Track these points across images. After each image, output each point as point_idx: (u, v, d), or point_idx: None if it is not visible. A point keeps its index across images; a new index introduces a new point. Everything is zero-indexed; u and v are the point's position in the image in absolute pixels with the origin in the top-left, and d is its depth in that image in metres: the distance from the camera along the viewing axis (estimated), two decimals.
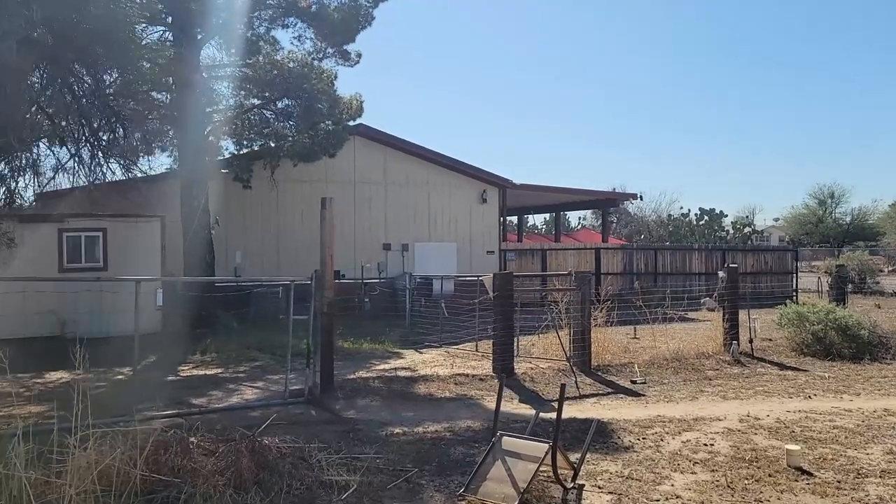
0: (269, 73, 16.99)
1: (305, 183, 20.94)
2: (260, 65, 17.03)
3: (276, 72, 16.93)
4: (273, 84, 16.84)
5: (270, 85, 16.92)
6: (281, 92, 17.13)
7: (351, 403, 9.38)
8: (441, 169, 22.91)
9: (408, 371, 11.74)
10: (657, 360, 12.53)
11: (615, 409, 9.17)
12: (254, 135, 17.89)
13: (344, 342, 14.89)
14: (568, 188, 25.67)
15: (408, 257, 22.33)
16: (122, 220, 15.64)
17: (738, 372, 12.00)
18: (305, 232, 21.02)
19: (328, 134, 18.77)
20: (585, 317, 11.75)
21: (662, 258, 27.04)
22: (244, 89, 17.46)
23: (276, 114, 17.85)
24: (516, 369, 11.49)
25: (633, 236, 54.90)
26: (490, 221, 23.63)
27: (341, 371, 11.77)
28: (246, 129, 17.81)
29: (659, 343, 14.50)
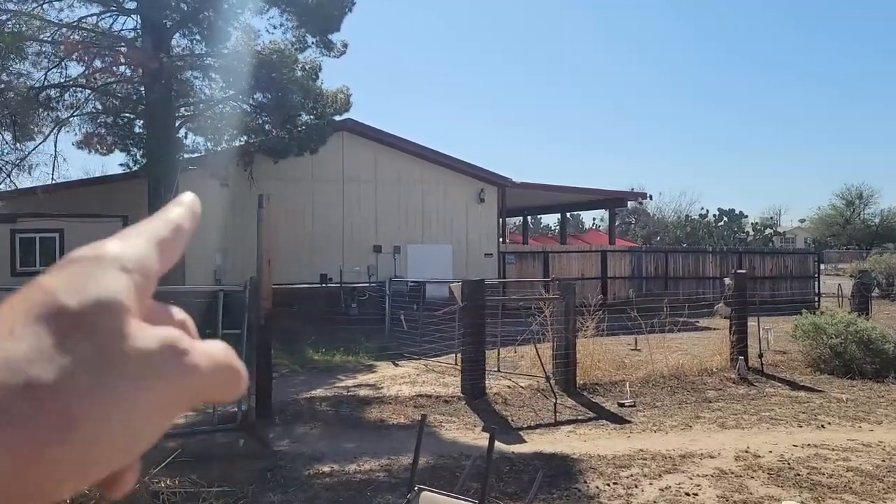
0: (241, 63, 15.87)
1: (289, 181, 19.79)
2: (230, 54, 15.92)
3: (248, 61, 15.81)
4: (243, 74, 15.71)
5: (241, 75, 15.79)
6: (253, 83, 15.99)
7: (288, 431, 8.16)
8: (435, 166, 21.66)
9: (370, 389, 10.52)
10: (653, 378, 11.18)
11: (592, 441, 7.87)
12: (226, 129, 16.75)
13: (315, 353, 13.74)
14: (572, 187, 24.29)
15: (399, 260, 21.11)
16: (80, 221, 14.60)
17: (744, 392, 10.62)
18: (291, 233, 19.88)
19: (310, 129, 17.63)
20: (570, 329, 10.44)
21: (674, 261, 25.57)
22: (215, 80, 16.36)
23: (250, 107, 16.72)
24: (490, 388, 10.21)
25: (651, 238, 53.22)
26: (488, 222, 22.34)
27: (298, 388, 10.61)
28: (218, 124, 16.69)
29: (660, 356, 13.18)
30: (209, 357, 0.39)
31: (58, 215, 14.30)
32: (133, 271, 0.38)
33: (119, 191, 17.17)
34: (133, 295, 0.37)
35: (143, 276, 0.39)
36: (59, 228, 14.24)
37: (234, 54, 15.86)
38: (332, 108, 18.17)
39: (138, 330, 0.37)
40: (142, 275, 0.39)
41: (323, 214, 20.30)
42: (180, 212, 0.45)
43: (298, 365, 12.70)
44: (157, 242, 0.41)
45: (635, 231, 56.99)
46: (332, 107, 18.15)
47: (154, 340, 0.37)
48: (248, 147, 17.12)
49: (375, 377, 11.73)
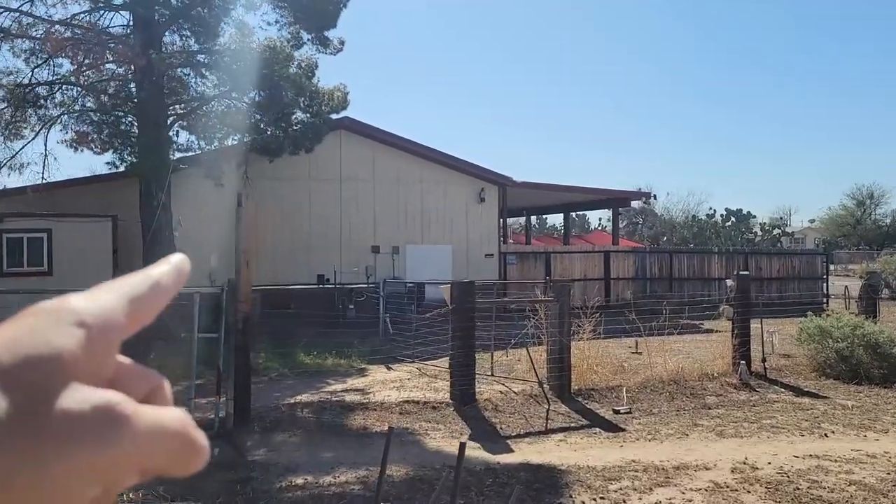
0: (234, 61, 15.57)
1: (285, 181, 19.50)
2: (223, 51, 15.61)
3: (241, 58, 15.50)
4: (235, 72, 15.40)
5: (233, 73, 15.49)
6: (245, 80, 15.68)
7: (266, 439, 7.84)
8: (435, 165, 21.31)
9: (358, 394, 10.19)
10: (651, 383, 10.81)
11: (583, 451, 7.52)
12: (219, 128, 16.45)
13: (306, 356, 13.42)
14: (573, 186, 23.87)
15: (398, 261, 20.78)
16: (68, 221, 14.33)
17: (745, 399, 10.24)
18: (287, 234, 19.61)
19: (305, 127, 17.32)
20: (564, 333, 10.09)
21: (678, 262, 25.14)
22: (207, 78, 16.07)
23: (243, 105, 16.41)
24: (482, 394, 9.88)
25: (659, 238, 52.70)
26: (489, 222, 21.98)
27: (284, 393, 10.30)
28: (210, 122, 16.39)
29: (661, 360, 12.83)
30: (157, 425, 0.36)
31: (46, 215, 14.02)
32: (91, 326, 0.37)
33: (111, 190, 16.90)
34: (83, 352, 0.36)
35: (104, 333, 0.37)
36: (48, 228, 13.96)
37: (227, 51, 15.56)
38: (328, 107, 17.83)
39: (72, 390, 0.35)
40: (102, 331, 0.37)
41: (320, 214, 19.99)
42: (164, 270, 0.44)
43: (288, 368, 12.37)
44: (131, 299, 0.40)
45: (643, 231, 56.47)
46: (328, 105, 17.81)
47: (87, 402, 0.35)
48: (242, 146, 16.80)
49: (365, 381, 11.41)
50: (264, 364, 12.75)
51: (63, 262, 13.97)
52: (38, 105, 14.65)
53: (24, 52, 14.52)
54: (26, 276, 13.76)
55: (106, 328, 0.37)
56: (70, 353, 0.35)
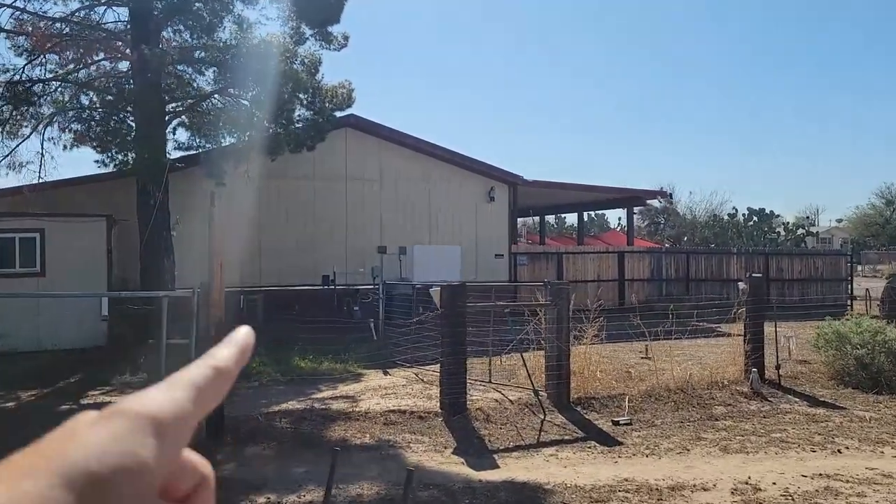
0: (232, 56, 15.19)
1: (289, 179, 19.13)
2: (221, 46, 15.24)
3: (239, 54, 15.11)
4: (234, 67, 15.02)
5: (231, 68, 15.11)
6: (243, 76, 15.29)
7: (238, 452, 7.41)
8: (443, 164, 20.84)
9: (346, 402, 9.74)
10: (657, 391, 10.24)
11: (574, 467, 7.00)
12: (217, 125, 16.09)
13: (302, 360, 13.01)
14: (586, 185, 23.23)
15: (405, 261, 20.30)
16: (62, 221, 14.02)
17: (756, 409, 9.65)
18: (290, 234, 19.25)
19: (307, 125, 16.93)
20: (562, 338, 9.56)
21: (696, 263, 24.43)
22: (205, 74, 15.72)
23: (242, 101, 16.04)
24: (474, 403, 9.39)
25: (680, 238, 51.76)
26: (499, 222, 21.45)
27: (270, 400, 9.89)
28: (208, 119, 16.04)
29: (670, 366, 12.29)
30: None
31: (38, 214, 13.73)
32: (167, 433, 0.40)
33: (109, 190, 16.61)
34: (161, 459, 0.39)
35: (177, 436, 0.41)
36: (40, 228, 13.65)
37: (226, 47, 15.18)
38: (331, 104, 17.41)
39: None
40: (176, 435, 0.41)
41: (325, 214, 19.59)
42: (227, 355, 0.48)
43: (281, 373, 11.98)
44: (198, 392, 0.44)
45: (664, 231, 55.55)
46: (331, 102, 17.38)
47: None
48: (242, 144, 16.43)
49: (358, 388, 10.97)
50: (257, 368, 12.35)
51: (56, 263, 13.67)
52: (33, 103, 14.37)
53: (19, 48, 14.24)
54: (18, 276, 13.48)
55: (179, 431, 0.41)
56: (152, 464, 0.38)
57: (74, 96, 14.99)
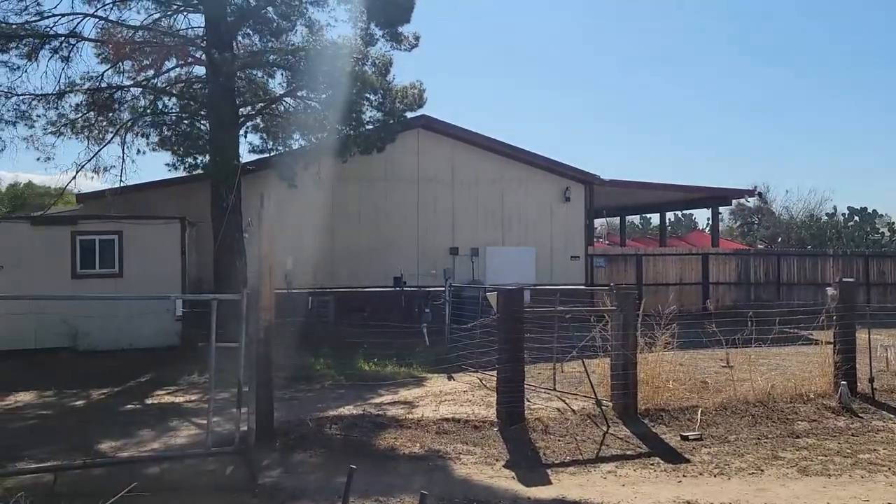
0: (303, 59, 15.25)
1: (363, 181, 19.14)
2: (292, 49, 15.33)
3: (310, 57, 15.15)
4: (304, 70, 15.08)
5: (302, 71, 15.18)
6: (314, 79, 15.32)
7: (285, 458, 7.26)
8: (516, 164, 20.43)
9: (403, 408, 9.51)
10: (734, 404, 9.57)
11: (632, 486, 6.51)
12: (288, 128, 16.21)
13: (367, 363, 12.87)
14: (667, 184, 22.33)
15: (478, 263, 20.02)
16: (138, 223, 14.39)
17: (844, 426, 8.86)
18: (363, 235, 19.25)
19: (377, 126, 16.87)
20: (629, 346, 9.04)
21: (787, 266, 23.14)
22: (276, 77, 15.86)
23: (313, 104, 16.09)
24: (534, 412, 8.99)
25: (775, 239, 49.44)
26: (575, 223, 20.88)
27: (327, 404, 9.79)
28: (280, 122, 16.17)
29: (752, 376, 11.56)
30: None
31: (117, 217, 14.15)
32: None
33: (187, 192, 16.99)
34: None
35: None
36: (119, 230, 14.04)
37: (295, 49, 15.28)
38: (402, 104, 17.31)
39: None
40: None
41: (397, 215, 19.50)
42: None
43: (344, 377, 11.86)
44: None
45: (758, 232, 53.22)
46: (401, 102, 17.28)
47: None
48: (312, 146, 16.51)
49: (418, 393, 10.72)
50: (321, 371, 12.31)
51: (133, 264, 14.04)
52: (114, 109, 14.83)
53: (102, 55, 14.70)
54: (98, 277, 13.89)
55: None
56: None
57: (152, 102, 15.38)
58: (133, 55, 14.33)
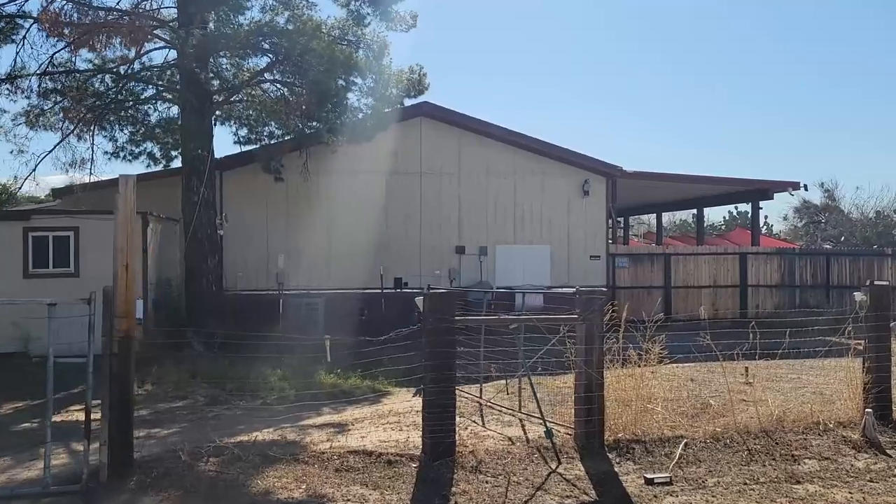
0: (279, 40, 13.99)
1: (359, 174, 17.82)
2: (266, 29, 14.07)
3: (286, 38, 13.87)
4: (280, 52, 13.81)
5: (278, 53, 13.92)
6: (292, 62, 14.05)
7: (134, 501, 5.90)
8: (530, 155, 18.81)
9: (330, 431, 8.12)
10: (730, 434, 7.82)
11: None
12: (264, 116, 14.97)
13: (330, 375, 11.50)
14: (698, 176, 20.30)
15: (486, 263, 18.47)
16: (97, 218, 13.32)
17: (864, 467, 7.05)
18: (361, 233, 17.89)
19: (366, 113, 15.52)
20: (593, 363, 7.40)
21: (838, 266, 20.87)
22: (252, 60, 14.61)
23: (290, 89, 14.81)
24: (481, 439, 7.47)
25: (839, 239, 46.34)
26: (595, 219, 19.13)
27: (253, 425, 8.44)
28: (255, 110, 14.95)
29: (770, 395, 9.81)
30: None
31: (72, 212, 13.16)
32: None
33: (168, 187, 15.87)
34: None
35: None
36: (75, 227, 13.06)
37: (273, 31, 14.00)
38: (397, 90, 15.90)
39: None
40: None
41: (398, 211, 18.11)
42: None
43: (295, 390, 10.52)
44: None
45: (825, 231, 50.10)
46: (396, 87, 15.88)
47: None
48: (297, 135, 15.25)
49: (366, 412, 9.32)
50: (274, 383, 11.01)
51: (90, 263, 12.99)
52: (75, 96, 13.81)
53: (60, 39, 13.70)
54: (52, 277, 12.90)
55: None
56: None
57: (118, 88, 14.32)
58: (95, 38, 13.26)
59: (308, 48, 12.71)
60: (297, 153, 16.29)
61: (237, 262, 17.18)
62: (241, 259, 17.21)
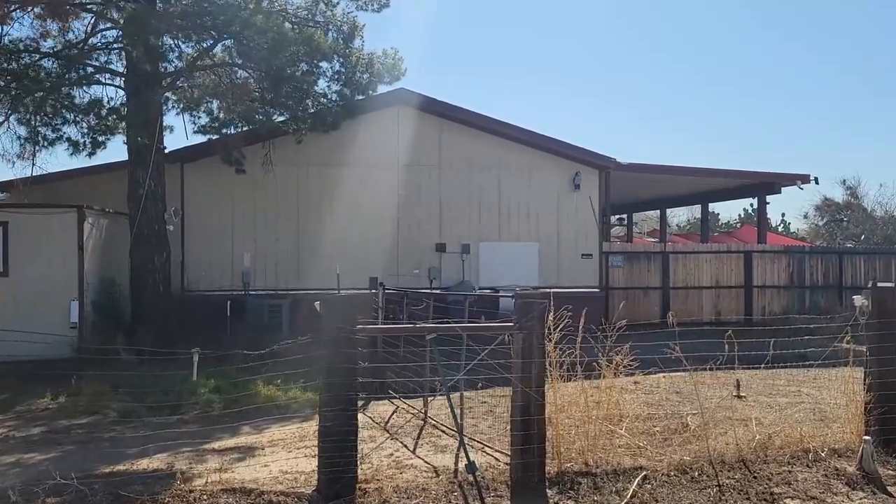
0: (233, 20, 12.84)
1: (331, 167, 16.66)
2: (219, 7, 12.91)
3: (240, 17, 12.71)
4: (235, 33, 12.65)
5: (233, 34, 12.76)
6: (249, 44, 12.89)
7: None
8: (516, 146, 17.55)
9: (232, 457, 6.97)
10: (701, 464, 6.57)
11: None
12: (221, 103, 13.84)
13: (267, 387, 10.34)
14: (697, 168, 18.88)
15: (469, 261, 17.24)
16: (28, 213, 12.29)
17: None
18: (334, 230, 16.72)
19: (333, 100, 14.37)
20: (532, 380, 6.16)
21: (851, 266, 19.43)
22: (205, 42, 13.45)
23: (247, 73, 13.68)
24: (401, 469, 6.28)
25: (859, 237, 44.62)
26: (586, 214, 17.81)
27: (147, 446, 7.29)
28: (206, 94, 13.82)
29: (761, 412, 8.64)
30: None
31: (1, 205, 12.12)
32: None
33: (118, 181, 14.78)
34: None
35: None
36: (3, 221, 11.99)
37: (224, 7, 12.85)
38: (368, 74, 14.72)
39: None
40: None
41: (374, 206, 16.91)
42: None
43: (224, 404, 9.40)
44: None
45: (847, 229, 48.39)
46: (367, 72, 14.70)
47: None
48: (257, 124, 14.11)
49: (289, 432, 8.17)
50: (202, 396, 9.88)
51: (21, 262, 11.95)
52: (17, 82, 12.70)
53: None
54: None
55: None
56: None
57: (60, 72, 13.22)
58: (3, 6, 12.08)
59: (249, 23, 11.54)
60: (260, 144, 15.17)
61: (200, 261, 16.09)
62: (206, 257, 16.13)
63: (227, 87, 13.58)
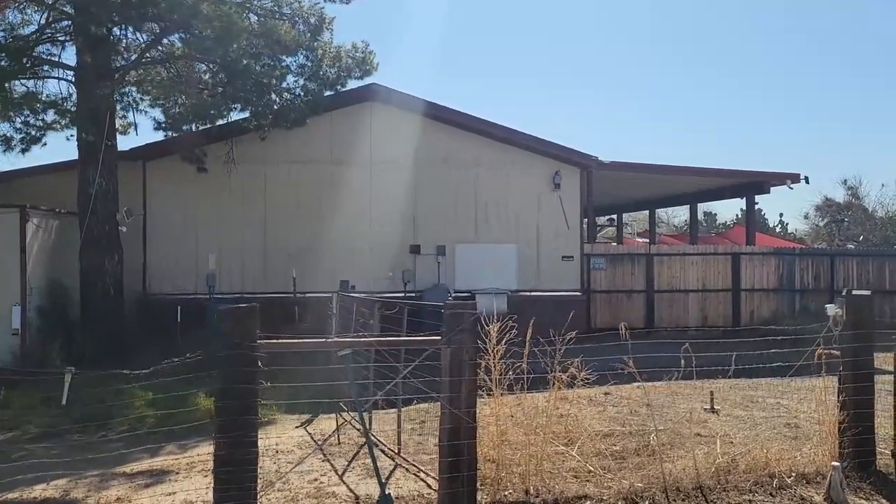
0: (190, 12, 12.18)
1: (299, 164, 16.03)
2: None
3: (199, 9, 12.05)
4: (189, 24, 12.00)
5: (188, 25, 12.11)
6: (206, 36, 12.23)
7: None
8: (494, 144, 16.89)
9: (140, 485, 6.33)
10: (652, 491, 5.94)
11: None
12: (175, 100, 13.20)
13: (205, 399, 9.68)
14: (683, 167, 18.21)
15: (445, 264, 16.59)
16: None
17: None
18: (303, 231, 16.08)
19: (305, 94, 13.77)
20: (461, 401, 5.52)
21: (844, 269, 18.76)
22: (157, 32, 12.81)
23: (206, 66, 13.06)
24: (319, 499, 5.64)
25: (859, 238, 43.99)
26: (567, 215, 17.14)
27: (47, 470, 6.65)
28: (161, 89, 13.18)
29: (733, 429, 8.04)
30: None
31: None
32: None
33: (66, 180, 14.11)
34: None
35: None
36: None
37: None
38: (336, 69, 14.11)
39: None
40: None
41: (345, 206, 16.25)
42: None
43: (157, 419, 8.76)
44: None
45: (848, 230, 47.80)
46: (335, 66, 14.08)
47: None
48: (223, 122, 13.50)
49: None
50: (138, 410, 9.25)
51: None
52: None
53: None
54: None
55: None
56: None
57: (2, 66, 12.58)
58: None
59: (195, 11, 10.90)
60: (223, 141, 14.56)
61: (163, 263, 15.45)
62: (170, 259, 15.50)
63: (177, 80, 12.95)
